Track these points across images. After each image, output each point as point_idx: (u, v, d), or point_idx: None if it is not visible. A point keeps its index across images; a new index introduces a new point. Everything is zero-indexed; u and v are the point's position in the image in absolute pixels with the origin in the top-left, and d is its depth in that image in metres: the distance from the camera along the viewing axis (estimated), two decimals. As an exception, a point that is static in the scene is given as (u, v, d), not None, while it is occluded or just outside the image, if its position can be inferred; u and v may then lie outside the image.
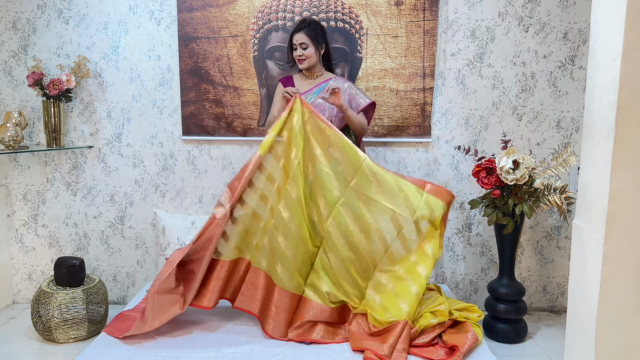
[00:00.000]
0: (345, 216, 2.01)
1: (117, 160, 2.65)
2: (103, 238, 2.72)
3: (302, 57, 2.25)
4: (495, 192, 2.20)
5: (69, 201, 2.69)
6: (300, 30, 2.24)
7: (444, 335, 1.93)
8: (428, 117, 2.57)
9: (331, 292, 2.02)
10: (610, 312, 1.47)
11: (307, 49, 2.24)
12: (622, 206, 1.43)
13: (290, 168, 2.02)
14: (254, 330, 2.03)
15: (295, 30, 2.25)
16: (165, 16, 2.55)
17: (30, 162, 2.66)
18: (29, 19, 2.55)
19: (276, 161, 2.03)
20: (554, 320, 2.63)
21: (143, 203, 2.68)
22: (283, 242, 1.99)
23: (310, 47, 2.24)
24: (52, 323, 2.22)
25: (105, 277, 2.74)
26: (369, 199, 2.00)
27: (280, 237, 1.99)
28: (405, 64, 2.53)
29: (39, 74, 2.44)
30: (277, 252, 1.99)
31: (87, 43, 2.56)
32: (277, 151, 2.03)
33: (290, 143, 2.04)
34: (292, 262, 2.00)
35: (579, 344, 1.57)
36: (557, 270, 2.71)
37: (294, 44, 2.26)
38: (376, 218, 1.99)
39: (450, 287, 2.72)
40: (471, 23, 2.51)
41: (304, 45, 2.24)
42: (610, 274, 1.46)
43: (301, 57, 2.25)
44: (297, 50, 2.25)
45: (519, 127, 2.59)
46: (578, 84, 2.55)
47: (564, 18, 2.50)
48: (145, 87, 2.60)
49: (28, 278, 2.75)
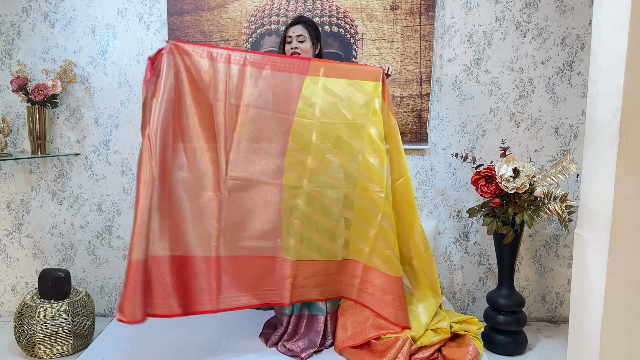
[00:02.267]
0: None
1: (104, 167, 2.57)
2: (90, 248, 2.63)
3: (297, 51, 2.12)
4: (494, 200, 2.15)
5: (55, 210, 2.60)
6: (299, 23, 2.15)
7: (443, 349, 1.87)
8: (425, 123, 2.52)
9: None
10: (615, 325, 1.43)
11: (303, 42, 2.12)
12: (626, 215, 1.39)
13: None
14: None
15: (292, 24, 2.16)
16: (155, 20, 2.48)
17: (14, 170, 2.57)
18: (13, 22, 2.47)
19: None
20: (554, 330, 2.58)
21: (131, 212, 2.60)
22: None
23: (307, 42, 2.12)
24: (35, 338, 2.13)
25: (92, 289, 2.65)
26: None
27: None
28: (402, 70, 2.48)
29: (23, 79, 2.36)
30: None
31: (73, 47, 2.49)
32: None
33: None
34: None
35: (583, 357, 1.52)
36: (556, 280, 2.66)
37: (288, 37, 2.14)
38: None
39: (448, 297, 2.66)
40: (468, 28, 2.48)
41: (302, 37, 2.12)
42: (614, 285, 1.42)
43: (296, 49, 2.11)
44: (293, 43, 2.11)
45: (516, 133, 2.55)
46: (576, 90, 2.52)
47: (561, 23, 2.47)
48: (134, 93, 2.53)
49: (11, 290, 2.66)
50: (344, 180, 1.94)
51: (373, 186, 1.89)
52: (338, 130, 1.91)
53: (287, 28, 2.17)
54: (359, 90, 1.93)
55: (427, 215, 2.62)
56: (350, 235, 1.97)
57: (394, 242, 1.89)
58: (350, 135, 1.92)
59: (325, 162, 1.91)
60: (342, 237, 1.98)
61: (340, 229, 1.97)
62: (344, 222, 1.99)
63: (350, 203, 1.95)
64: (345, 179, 1.95)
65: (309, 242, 1.93)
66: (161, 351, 1.92)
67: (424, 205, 2.61)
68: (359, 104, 1.92)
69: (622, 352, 1.44)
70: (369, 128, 1.90)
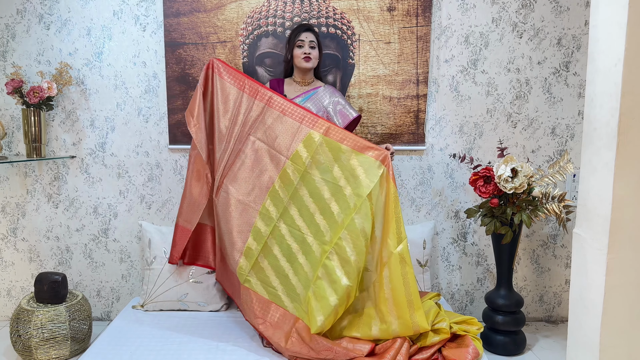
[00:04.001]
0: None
1: (100, 170, 2.56)
2: (86, 252, 2.61)
3: (309, 56, 2.20)
4: (493, 200, 2.16)
5: (50, 214, 2.58)
6: (310, 30, 2.22)
7: (443, 350, 1.86)
8: (422, 124, 2.52)
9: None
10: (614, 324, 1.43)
11: (314, 49, 2.22)
12: (625, 215, 1.39)
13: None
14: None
15: (303, 29, 2.21)
16: (151, 21, 2.47)
17: (9, 173, 2.54)
18: (7, 24, 2.45)
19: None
20: (552, 330, 2.58)
21: (128, 215, 2.59)
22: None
23: (317, 49, 2.23)
24: (32, 342, 2.11)
25: (88, 293, 2.63)
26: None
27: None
28: (398, 71, 2.48)
29: (18, 81, 2.34)
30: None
31: (69, 49, 2.47)
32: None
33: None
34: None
35: (582, 356, 1.52)
36: (553, 280, 2.67)
37: (301, 41, 2.20)
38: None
39: (446, 298, 2.66)
40: (465, 29, 2.48)
41: (313, 44, 2.21)
42: (614, 284, 1.42)
43: (309, 55, 2.20)
44: (305, 48, 2.19)
45: (513, 134, 2.56)
46: (573, 91, 2.53)
47: (557, 24, 2.48)
48: (130, 95, 2.51)
49: (7, 295, 2.63)
50: (310, 230, 1.99)
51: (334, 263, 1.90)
52: (319, 185, 1.98)
53: (297, 33, 2.21)
54: (359, 162, 1.94)
55: (424, 216, 2.62)
56: (296, 283, 1.99)
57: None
58: (330, 194, 1.96)
59: (303, 206, 2.00)
60: (292, 280, 2.00)
61: (291, 271, 2.00)
62: (296, 268, 2.00)
63: (308, 250, 1.98)
64: (311, 229, 1.99)
65: (259, 272, 2.02)
66: (159, 354, 1.90)
67: (422, 206, 2.61)
68: (352, 173, 1.94)
69: (621, 351, 1.44)
70: (352, 214, 1.90)
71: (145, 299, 2.33)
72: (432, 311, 1.95)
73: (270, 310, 1.99)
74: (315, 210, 1.97)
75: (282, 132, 2.04)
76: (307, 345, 1.85)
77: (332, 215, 1.94)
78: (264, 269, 2.02)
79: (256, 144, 2.07)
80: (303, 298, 1.94)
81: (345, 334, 1.91)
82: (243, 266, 2.02)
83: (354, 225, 1.88)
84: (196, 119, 2.10)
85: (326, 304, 1.84)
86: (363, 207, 1.88)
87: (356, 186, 1.92)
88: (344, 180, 1.94)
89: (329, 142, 1.98)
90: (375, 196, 1.89)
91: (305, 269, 1.97)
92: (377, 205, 1.89)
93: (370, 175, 1.91)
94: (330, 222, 1.94)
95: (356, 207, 1.89)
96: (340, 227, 1.91)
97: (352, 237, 1.88)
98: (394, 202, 1.88)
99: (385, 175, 1.90)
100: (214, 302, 2.32)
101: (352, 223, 1.88)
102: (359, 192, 1.91)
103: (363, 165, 1.93)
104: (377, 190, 1.89)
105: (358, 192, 1.91)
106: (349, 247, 1.87)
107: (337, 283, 1.86)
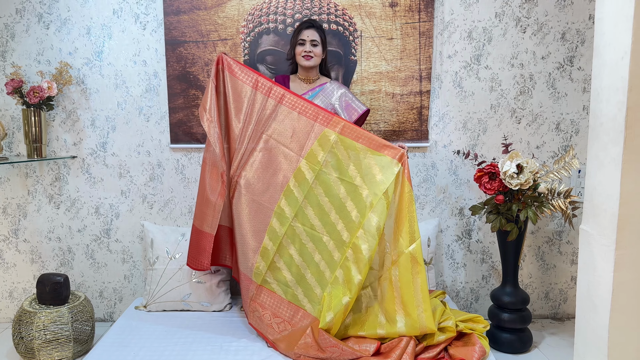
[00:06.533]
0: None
1: (102, 170, 2.54)
2: (88, 252, 2.60)
3: (310, 54, 2.17)
4: (498, 197, 2.13)
5: (52, 214, 2.56)
6: (312, 27, 2.19)
7: (450, 348, 1.85)
8: (425, 121, 2.50)
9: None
10: (623, 321, 1.41)
11: (316, 47, 2.18)
12: (633, 210, 1.37)
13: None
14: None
15: (305, 26, 2.19)
16: (151, 20, 2.45)
17: (10, 174, 2.53)
18: (7, 24, 2.44)
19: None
20: (558, 328, 2.56)
21: (130, 215, 2.57)
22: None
23: (319, 47, 2.20)
24: (34, 344, 2.10)
25: (90, 294, 2.62)
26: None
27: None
28: (401, 67, 2.46)
29: (18, 81, 2.33)
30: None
31: (69, 49, 2.46)
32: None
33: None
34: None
35: (590, 353, 1.50)
36: (559, 277, 2.65)
37: (302, 39, 2.18)
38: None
39: (451, 296, 2.65)
40: (467, 24, 2.46)
41: (315, 42, 2.18)
42: (622, 280, 1.40)
43: (310, 53, 2.17)
44: (306, 46, 2.17)
45: (517, 130, 2.53)
46: (577, 85, 2.51)
47: (561, 18, 2.45)
48: (131, 94, 2.50)
49: (9, 296, 2.62)
50: (325, 229, 1.98)
51: (351, 262, 1.90)
52: (334, 184, 1.97)
53: (300, 30, 2.19)
54: (375, 160, 1.93)
55: (428, 213, 2.60)
56: (312, 283, 1.99)
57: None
58: (346, 193, 1.95)
59: (317, 206, 1.99)
60: (307, 280, 2.00)
61: (308, 272, 2.00)
62: (312, 268, 2.00)
63: (323, 249, 1.97)
64: (326, 229, 1.98)
65: (275, 272, 2.01)
66: (163, 355, 1.89)
67: (426, 203, 2.59)
68: (368, 172, 1.93)
69: (631, 348, 1.42)
70: (368, 213, 1.89)
71: (148, 299, 2.31)
72: (438, 310, 1.94)
73: (289, 310, 1.98)
74: (331, 209, 1.96)
75: (297, 131, 2.01)
76: (315, 342, 1.84)
77: (348, 214, 1.93)
78: (280, 269, 2.01)
79: (270, 143, 2.04)
80: (319, 297, 1.94)
81: (350, 333, 1.89)
82: (260, 266, 2.01)
83: (370, 223, 1.87)
84: (209, 112, 2.05)
85: (338, 303, 1.85)
86: (379, 205, 1.87)
87: (372, 185, 1.90)
88: (359, 179, 1.93)
89: (344, 140, 1.96)
90: (391, 194, 1.88)
91: (321, 268, 1.96)
92: (391, 204, 1.88)
93: (387, 174, 1.89)
94: (346, 221, 1.93)
95: (372, 205, 1.88)
96: (358, 227, 1.90)
97: (367, 236, 1.87)
98: (408, 201, 1.86)
99: (401, 173, 1.89)
100: (217, 302, 2.30)
101: (369, 221, 1.88)
102: (375, 190, 1.89)
103: (379, 164, 1.91)
104: (392, 188, 1.88)
105: (374, 190, 1.90)
106: (365, 245, 1.86)
107: (352, 282, 1.87)
